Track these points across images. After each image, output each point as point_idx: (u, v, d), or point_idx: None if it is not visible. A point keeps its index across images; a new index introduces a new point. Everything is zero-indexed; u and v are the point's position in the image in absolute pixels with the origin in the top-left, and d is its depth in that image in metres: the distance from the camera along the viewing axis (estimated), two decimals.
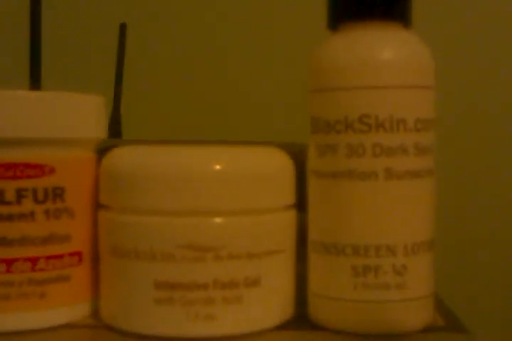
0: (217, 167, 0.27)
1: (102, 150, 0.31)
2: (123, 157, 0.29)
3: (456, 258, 0.58)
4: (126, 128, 0.49)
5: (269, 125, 0.57)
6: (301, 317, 0.29)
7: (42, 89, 0.36)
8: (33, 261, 0.28)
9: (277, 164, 0.29)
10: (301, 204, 0.30)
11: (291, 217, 0.29)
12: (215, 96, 0.63)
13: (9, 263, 0.28)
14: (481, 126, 0.60)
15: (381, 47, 0.27)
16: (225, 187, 0.27)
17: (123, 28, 0.50)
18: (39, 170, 0.28)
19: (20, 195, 0.28)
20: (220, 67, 0.62)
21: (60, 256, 0.29)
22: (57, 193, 0.29)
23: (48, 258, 0.29)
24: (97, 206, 0.30)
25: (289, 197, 0.29)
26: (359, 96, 0.27)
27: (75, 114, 0.29)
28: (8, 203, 0.28)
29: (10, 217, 0.28)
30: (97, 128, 0.30)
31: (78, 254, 0.30)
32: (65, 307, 0.29)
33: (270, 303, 0.28)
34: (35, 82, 0.33)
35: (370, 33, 0.28)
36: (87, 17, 0.64)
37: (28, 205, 0.28)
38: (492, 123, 0.60)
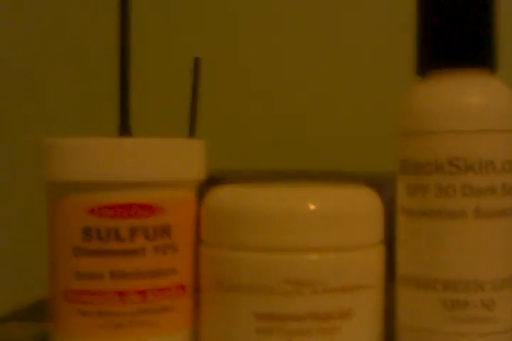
0: (313, 207, 0.29)
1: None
2: (224, 197, 0.31)
3: None
4: None
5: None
6: None
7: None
8: (144, 293, 0.30)
9: (368, 203, 0.31)
10: (388, 239, 0.31)
11: (380, 252, 0.31)
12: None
13: (123, 295, 0.30)
14: None
15: (467, 93, 0.29)
16: (319, 226, 0.29)
17: (197, 62, 0.52)
18: (149, 210, 0.30)
19: (133, 232, 0.30)
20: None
21: (167, 289, 0.31)
22: (165, 230, 0.31)
23: (156, 290, 0.31)
24: (198, 241, 0.32)
25: (378, 234, 0.31)
26: (448, 140, 0.28)
27: (180, 158, 0.31)
28: (123, 240, 0.30)
29: (124, 253, 0.30)
30: (198, 170, 0.33)
31: (182, 287, 0.32)
32: (171, 335, 0.31)
33: (362, 334, 0.30)
34: (125, 128, 0.35)
35: (456, 80, 0.29)
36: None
37: (140, 242, 0.30)
38: None
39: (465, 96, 0.29)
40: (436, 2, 0.30)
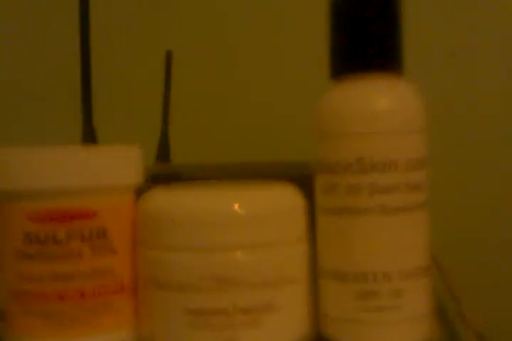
0: (235, 208, 0.31)
1: (151, 178, 0.35)
2: (156, 201, 0.33)
3: None
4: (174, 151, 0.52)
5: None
6: (319, 336, 0.32)
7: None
8: (82, 292, 0.32)
9: (288, 203, 0.32)
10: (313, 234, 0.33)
11: (301, 248, 0.32)
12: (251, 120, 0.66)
13: (62, 294, 0.32)
14: None
15: (374, 97, 0.31)
16: (241, 226, 0.31)
17: (169, 55, 0.53)
18: (84, 214, 0.32)
19: (69, 236, 0.32)
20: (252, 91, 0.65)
21: (105, 288, 0.33)
22: (101, 233, 0.33)
23: (95, 288, 0.32)
24: (134, 242, 0.33)
25: (298, 230, 0.32)
26: (355, 141, 0.30)
27: (113, 164, 0.33)
28: (60, 243, 0.32)
29: (62, 255, 0.32)
30: (134, 175, 0.34)
31: (120, 285, 0.33)
32: (111, 331, 0.33)
33: (286, 325, 0.31)
34: (88, 134, 0.37)
35: (365, 84, 0.31)
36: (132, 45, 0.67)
37: (76, 244, 0.32)
38: None
39: (371, 99, 0.31)
40: (344, 12, 0.32)
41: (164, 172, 0.42)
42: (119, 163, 0.34)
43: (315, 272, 0.33)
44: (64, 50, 0.51)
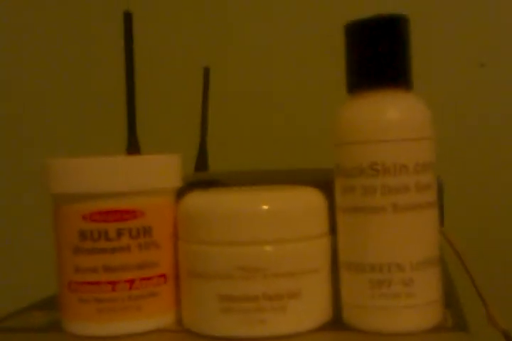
0: (264, 207, 0.34)
1: (191, 184, 0.38)
2: (194, 202, 0.36)
3: None
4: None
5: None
6: (338, 321, 0.35)
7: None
8: (131, 282, 0.36)
9: (311, 203, 0.35)
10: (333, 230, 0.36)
11: (323, 242, 0.35)
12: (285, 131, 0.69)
13: (113, 284, 0.35)
14: None
15: (386, 110, 0.34)
16: (269, 223, 0.34)
17: (207, 71, 0.56)
18: (132, 214, 0.36)
19: (120, 233, 0.35)
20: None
21: (150, 278, 0.36)
22: (147, 231, 0.36)
23: (142, 279, 0.36)
24: (176, 238, 0.37)
25: (321, 227, 0.35)
26: (368, 148, 0.33)
27: (157, 170, 0.37)
28: (111, 240, 0.35)
29: (113, 250, 0.35)
30: (174, 180, 0.38)
31: (163, 276, 0.37)
32: (156, 317, 0.36)
33: (309, 311, 0.34)
34: (132, 144, 0.40)
35: (377, 98, 0.34)
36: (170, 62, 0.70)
37: (125, 241, 0.35)
38: None
39: (382, 111, 0.33)
40: (358, 35, 0.35)
41: (202, 178, 0.45)
42: (162, 170, 0.37)
43: (336, 264, 0.36)
44: (110, 66, 0.55)
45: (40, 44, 0.73)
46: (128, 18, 0.41)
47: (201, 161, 0.54)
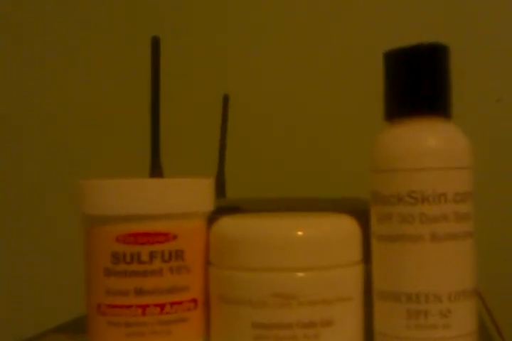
0: (299, 233, 0.33)
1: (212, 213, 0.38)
2: (227, 226, 0.35)
3: None
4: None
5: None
6: None
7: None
8: (162, 306, 0.35)
9: (346, 230, 0.35)
10: (368, 257, 0.36)
11: (357, 270, 0.35)
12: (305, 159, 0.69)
13: (144, 308, 0.35)
14: None
15: (425, 138, 0.33)
16: (304, 250, 0.33)
17: (226, 98, 0.56)
18: (165, 237, 0.35)
19: (152, 256, 0.35)
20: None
21: (181, 303, 0.35)
22: (179, 254, 0.35)
23: (172, 304, 0.35)
24: (208, 263, 0.36)
25: (355, 255, 0.35)
26: (407, 176, 0.33)
27: (190, 194, 0.36)
28: (144, 262, 0.35)
29: (144, 273, 0.35)
30: (207, 204, 0.37)
31: (194, 301, 0.36)
32: None
33: (342, 339, 0.34)
34: (155, 169, 0.40)
35: (415, 126, 0.34)
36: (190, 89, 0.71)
37: (158, 264, 0.35)
38: None
39: (421, 140, 0.33)
40: (398, 66, 0.35)
41: (224, 205, 0.44)
42: (196, 194, 0.36)
43: (370, 292, 0.35)
44: (136, 95, 0.55)
45: (67, 68, 0.73)
46: (155, 43, 0.41)
47: (219, 188, 0.53)
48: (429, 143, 0.33)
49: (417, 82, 0.34)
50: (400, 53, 0.34)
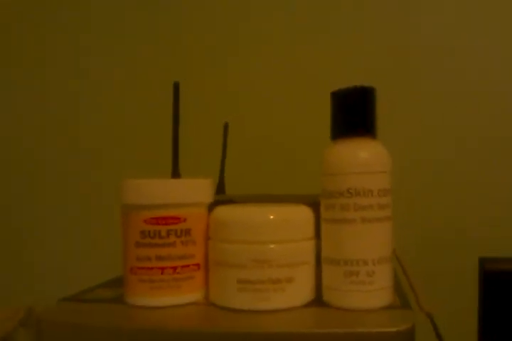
0: (271, 217, 0.36)
1: (214, 203, 0.40)
2: (221, 212, 0.38)
3: None
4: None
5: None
6: (319, 300, 0.37)
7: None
8: (175, 268, 0.38)
9: (304, 215, 0.38)
10: (318, 235, 0.38)
11: (311, 244, 0.38)
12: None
13: (162, 269, 0.37)
14: None
15: (358, 152, 0.36)
16: (274, 228, 0.36)
17: (226, 127, 0.57)
18: (178, 220, 0.38)
19: (168, 233, 0.38)
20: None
21: (189, 266, 0.38)
22: (187, 232, 0.38)
23: (182, 266, 0.38)
24: (208, 238, 0.39)
25: (309, 232, 0.38)
26: (346, 178, 0.36)
27: (196, 189, 0.39)
28: (162, 237, 0.37)
29: (163, 245, 0.37)
30: (208, 197, 0.40)
31: (198, 265, 0.39)
32: (191, 293, 0.38)
33: (301, 292, 0.37)
34: (175, 172, 0.42)
35: (351, 143, 0.36)
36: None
37: (172, 238, 0.38)
38: None
39: (356, 153, 0.36)
40: (337, 100, 0.37)
41: (222, 199, 0.46)
42: (200, 190, 0.39)
43: (319, 259, 0.38)
44: (159, 114, 0.56)
45: (108, 97, 0.74)
46: (177, 88, 0.43)
47: (220, 187, 0.55)
48: (361, 155, 0.35)
49: (354, 112, 0.37)
50: (342, 92, 0.37)
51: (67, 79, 0.75)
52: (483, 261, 0.51)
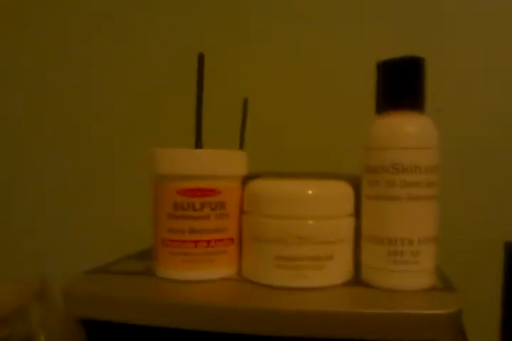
0: (310, 192, 0.33)
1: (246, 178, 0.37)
2: (256, 185, 0.35)
3: None
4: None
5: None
6: (357, 279, 0.34)
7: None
8: (208, 242, 0.34)
9: (342, 191, 0.34)
10: (357, 213, 0.35)
11: (350, 220, 0.35)
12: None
13: (196, 242, 0.34)
14: None
15: (405, 125, 0.32)
16: (312, 204, 0.33)
17: (245, 102, 0.53)
18: (213, 192, 0.34)
19: (202, 205, 0.34)
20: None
21: (222, 240, 0.35)
22: (222, 205, 0.35)
23: (216, 240, 0.35)
24: (242, 211, 0.36)
25: (349, 209, 0.35)
26: (391, 152, 0.32)
27: (231, 162, 0.36)
28: (196, 210, 0.34)
29: (197, 218, 0.34)
30: (242, 170, 0.37)
31: (231, 239, 0.36)
32: (224, 268, 0.36)
33: (339, 270, 0.34)
34: (199, 143, 0.39)
35: (398, 117, 0.33)
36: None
37: (206, 211, 0.34)
38: None
39: (402, 127, 0.32)
40: (387, 72, 0.33)
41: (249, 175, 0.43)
42: (236, 161, 0.36)
43: (359, 237, 0.35)
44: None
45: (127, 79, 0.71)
46: (201, 59, 0.39)
47: None
48: (407, 129, 0.32)
49: (403, 84, 0.33)
50: (388, 63, 0.33)
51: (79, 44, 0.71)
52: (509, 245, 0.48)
